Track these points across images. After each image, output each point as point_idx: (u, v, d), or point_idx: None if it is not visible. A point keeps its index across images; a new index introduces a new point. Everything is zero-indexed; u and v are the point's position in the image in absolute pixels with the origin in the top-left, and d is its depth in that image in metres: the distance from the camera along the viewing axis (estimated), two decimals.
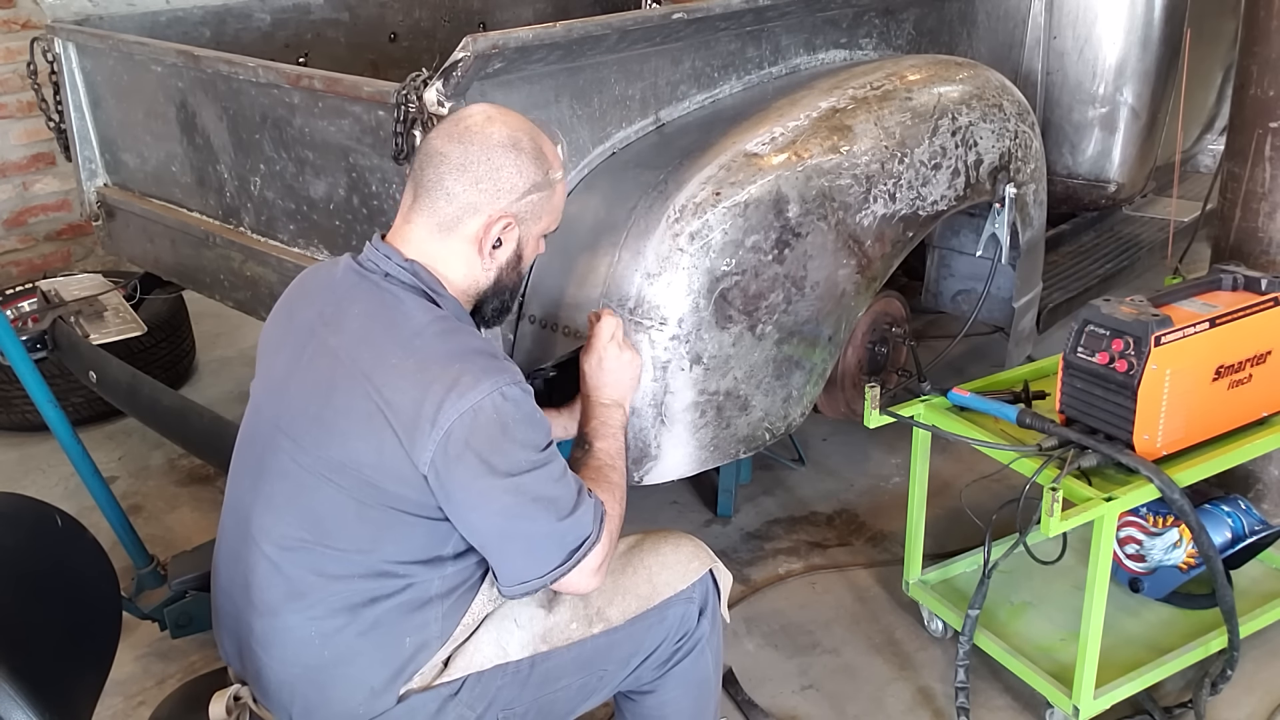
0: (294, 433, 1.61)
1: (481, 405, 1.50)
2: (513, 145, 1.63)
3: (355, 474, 1.55)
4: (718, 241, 2.08)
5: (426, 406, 1.49)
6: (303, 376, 1.62)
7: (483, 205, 1.62)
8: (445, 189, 1.61)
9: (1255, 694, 2.39)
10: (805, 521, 3.06)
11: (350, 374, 1.56)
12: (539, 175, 1.65)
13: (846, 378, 2.60)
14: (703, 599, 1.82)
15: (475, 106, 1.69)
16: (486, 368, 1.53)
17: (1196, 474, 2.15)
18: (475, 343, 1.59)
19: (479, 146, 1.61)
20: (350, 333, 1.60)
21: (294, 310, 1.73)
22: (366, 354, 1.56)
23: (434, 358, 1.54)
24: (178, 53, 2.56)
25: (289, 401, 1.63)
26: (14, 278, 4.41)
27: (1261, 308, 2.19)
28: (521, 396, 1.55)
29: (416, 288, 1.61)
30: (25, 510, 1.68)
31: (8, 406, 3.52)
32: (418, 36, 3.68)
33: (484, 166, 1.61)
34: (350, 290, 1.64)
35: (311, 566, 1.59)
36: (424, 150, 1.65)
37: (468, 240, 1.63)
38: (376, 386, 1.53)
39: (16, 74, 4.29)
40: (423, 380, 1.51)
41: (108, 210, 3.05)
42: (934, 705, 2.40)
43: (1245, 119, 2.65)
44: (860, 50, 2.68)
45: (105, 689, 2.46)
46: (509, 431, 1.52)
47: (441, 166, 1.61)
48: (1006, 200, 2.58)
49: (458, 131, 1.63)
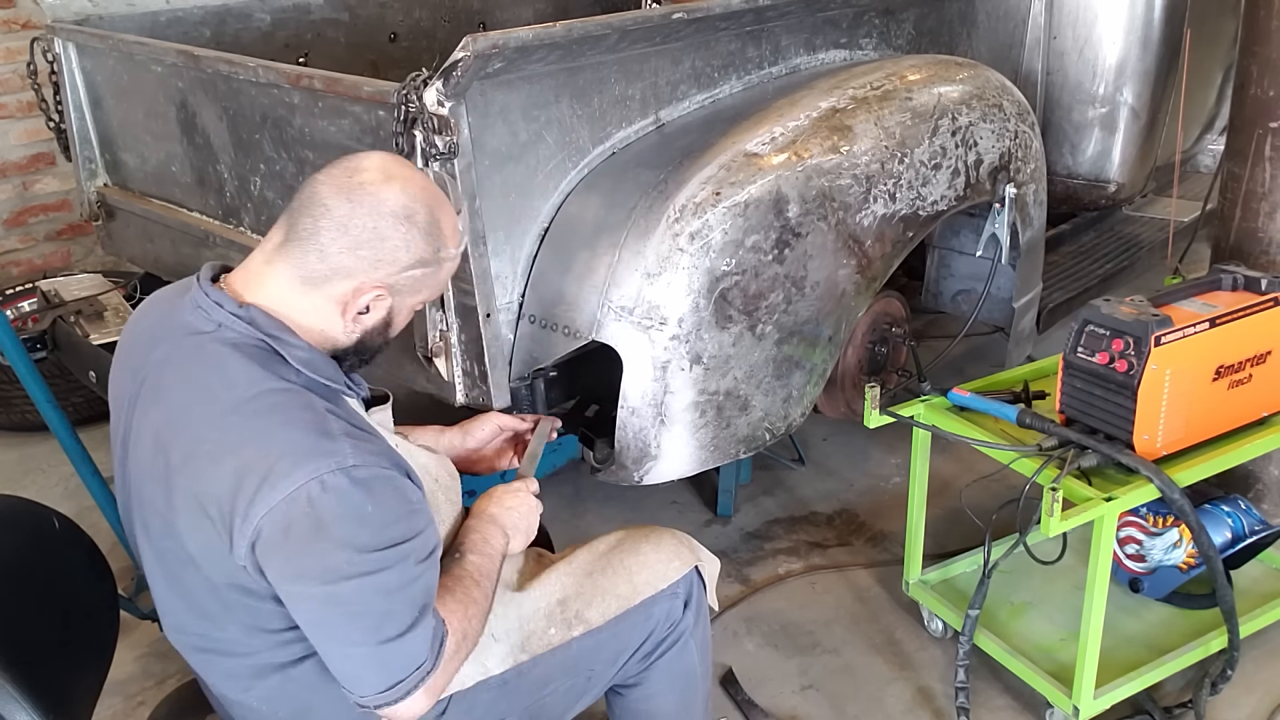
0: (143, 521, 1.50)
1: (295, 497, 1.32)
2: (406, 217, 1.45)
3: (196, 566, 1.44)
4: (718, 241, 2.08)
5: (240, 500, 1.33)
6: (135, 457, 1.49)
7: (357, 272, 1.45)
8: (319, 245, 1.43)
9: (1255, 694, 2.39)
10: (805, 521, 3.06)
11: (169, 462, 1.41)
12: (428, 252, 1.48)
13: (846, 378, 2.60)
14: (687, 592, 1.81)
15: (376, 158, 1.50)
16: (309, 451, 1.34)
17: (1196, 474, 2.15)
18: (303, 417, 1.39)
19: (367, 210, 1.44)
20: (167, 408, 1.44)
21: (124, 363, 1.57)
22: (184, 438, 1.40)
23: (251, 438, 1.36)
24: (178, 53, 2.56)
25: (132, 486, 1.51)
26: (14, 278, 4.40)
27: (1261, 308, 2.19)
28: (347, 486, 1.34)
29: (252, 342, 1.44)
30: (23, 513, 1.68)
31: (8, 406, 3.52)
32: (418, 36, 3.68)
33: (368, 233, 1.43)
34: (170, 349, 1.48)
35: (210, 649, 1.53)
36: (306, 193, 1.47)
37: (331, 300, 1.46)
38: (194, 476, 1.38)
39: (16, 74, 4.29)
40: (238, 467, 1.34)
41: (108, 210, 3.05)
42: (934, 705, 2.40)
43: (1245, 119, 2.65)
44: (860, 50, 2.68)
45: (105, 689, 2.46)
46: (325, 529, 1.33)
47: (321, 219, 1.44)
48: (1006, 200, 2.58)
49: (349, 185, 1.45)
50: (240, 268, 1.52)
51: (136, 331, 1.60)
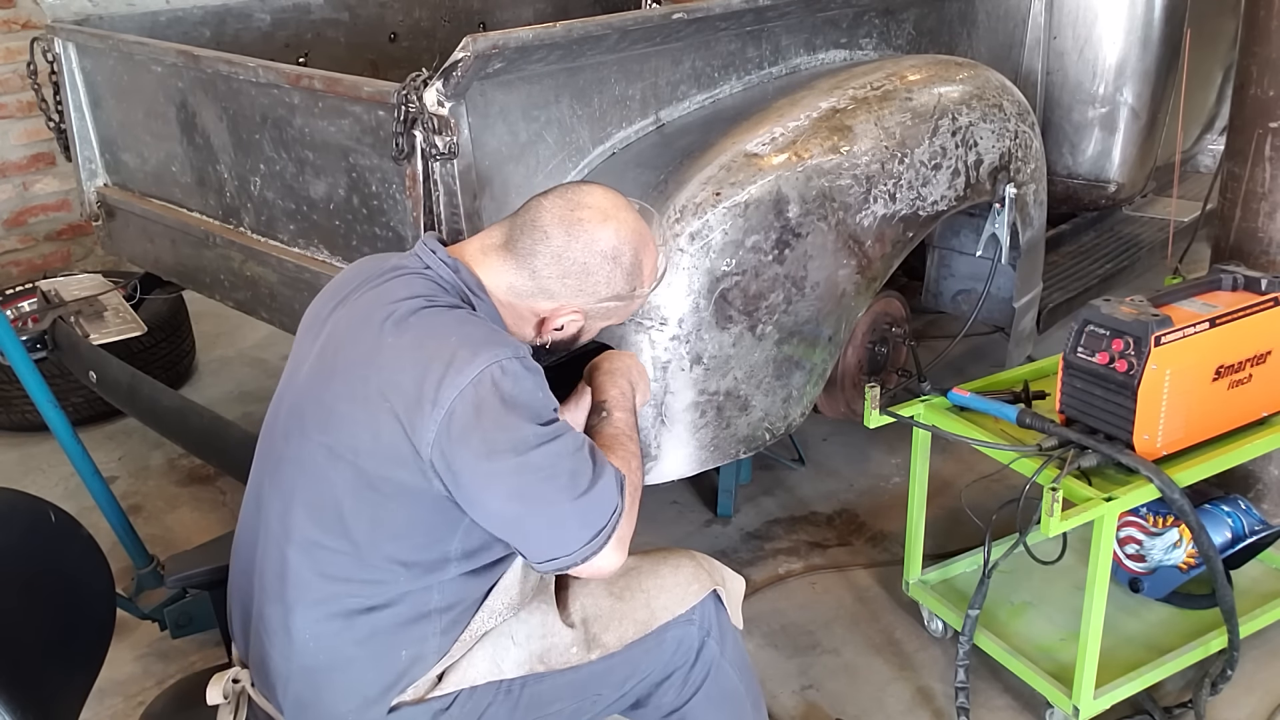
0: (301, 419, 1.58)
1: (481, 379, 1.45)
2: (614, 257, 1.62)
3: (352, 461, 1.51)
4: (718, 242, 2.08)
5: (427, 386, 1.45)
6: (313, 362, 1.61)
7: (560, 295, 1.62)
8: (533, 266, 1.61)
9: (1255, 694, 2.39)
10: (805, 521, 3.06)
11: (348, 355, 1.54)
12: (625, 289, 1.65)
13: (846, 378, 2.60)
14: (704, 620, 1.76)
15: (598, 194, 1.65)
16: (483, 341, 1.49)
17: (1196, 474, 2.15)
18: (471, 318, 1.56)
19: (582, 245, 1.60)
20: (353, 312, 1.58)
21: (327, 298, 1.71)
22: (365, 333, 1.54)
23: (430, 334, 1.50)
24: (178, 53, 2.56)
25: (301, 388, 1.61)
26: (14, 278, 4.41)
27: (1261, 308, 2.19)
28: (522, 371, 1.49)
29: (450, 284, 1.59)
30: (19, 505, 1.66)
31: (8, 406, 3.52)
32: (418, 36, 3.69)
33: (578, 266, 1.60)
34: (375, 278, 1.62)
35: (313, 564, 1.56)
36: (531, 213, 1.63)
37: (533, 312, 1.64)
38: (376, 367, 1.49)
39: (16, 74, 4.29)
40: (420, 358, 1.47)
41: (108, 210, 3.05)
42: (934, 705, 2.40)
43: (1245, 119, 2.65)
44: (860, 50, 2.68)
45: (106, 689, 2.47)
46: (511, 406, 1.46)
47: (540, 244, 1.60)
48: (1006, 200, 2.58)
49: (570, 219, 1.60)
50: (462, 244, 1.67)
51: (345, 274, 1.73)
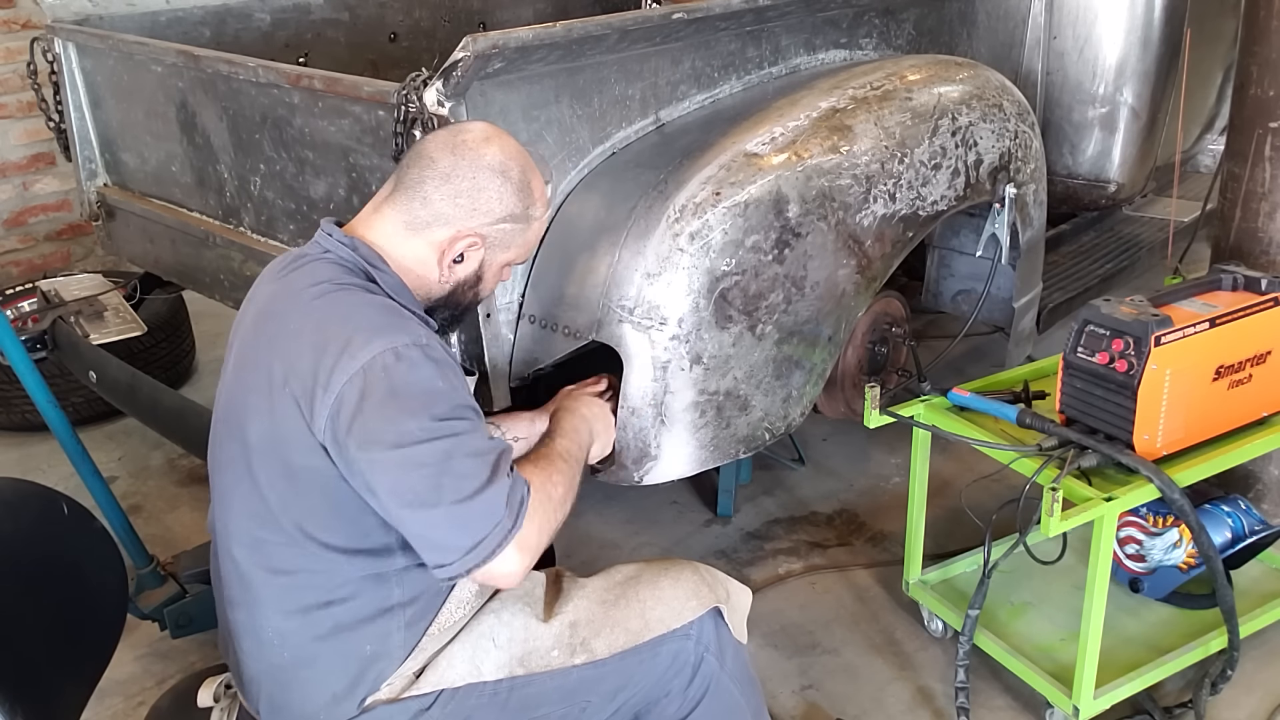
0: (225, 420, 1.60)
1: (371, 365, 1.43)
2: (501, 171, 1.63)
3: (269, 450, 1.51)
4: (718, 241, 2.08)
5: (321, 370, 1.45)
6: (231, 365, 1.63)
7: (455, 219, 1.62)
8: (424, 193, 1.61)
9: (1255, 694, 2.39)
10: (805, 521, 3.06)
11: (256, 347, 1.56)
12: (518, 207, 1.65)
13: (846, 378, 2.60)
14: (703, 636, 1.73)
15: (478, 124, 1.69)
16: (383, 326, 1.48)
17: (1196, 474, 2.15)
18: (378, 302, 1.54)
19: (468, 162, 1.61)
20: (259, 308, 1.61)
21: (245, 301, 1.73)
22: (269, 325, 1.56)
23: (329, 319, 1.50)
24: (178, 53, 2.56)
25: (222, 391, 1.64)
26: (14, 278, 4.41)
27: (1261, 308, 2.19)
28: (419, 359, 1.46)
29: (349, 264, 1.59)
30: (29, 496, 1.65)
31: (8, 406, 3.52)
32: (418, 36, 3.69)
33: (467, 183, 1.61)
34: (278, 271, 1.65)
35: (260, 560, 1.57)
36: (415, 150, 1.65)
37: (431, 246, 1.62)
38: (279, 355, 1.50)
39: (16, 74, 4.29)
40: (318, 342, 1.47)
41: (108, 210, 3.05)
42: (934, 705, 2.40)
43: (1245, 119, 2.65)
44: (860, 50, 2.68)
45: (106, 689, 2.47)
46: (397, 395, 1.43)
47: (426, 170, 1.61)
48: (1006, 200, 2.58)
49: (453, 142, 1.63)
50: (352, 220, 1.68)
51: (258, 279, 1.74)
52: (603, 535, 3.01)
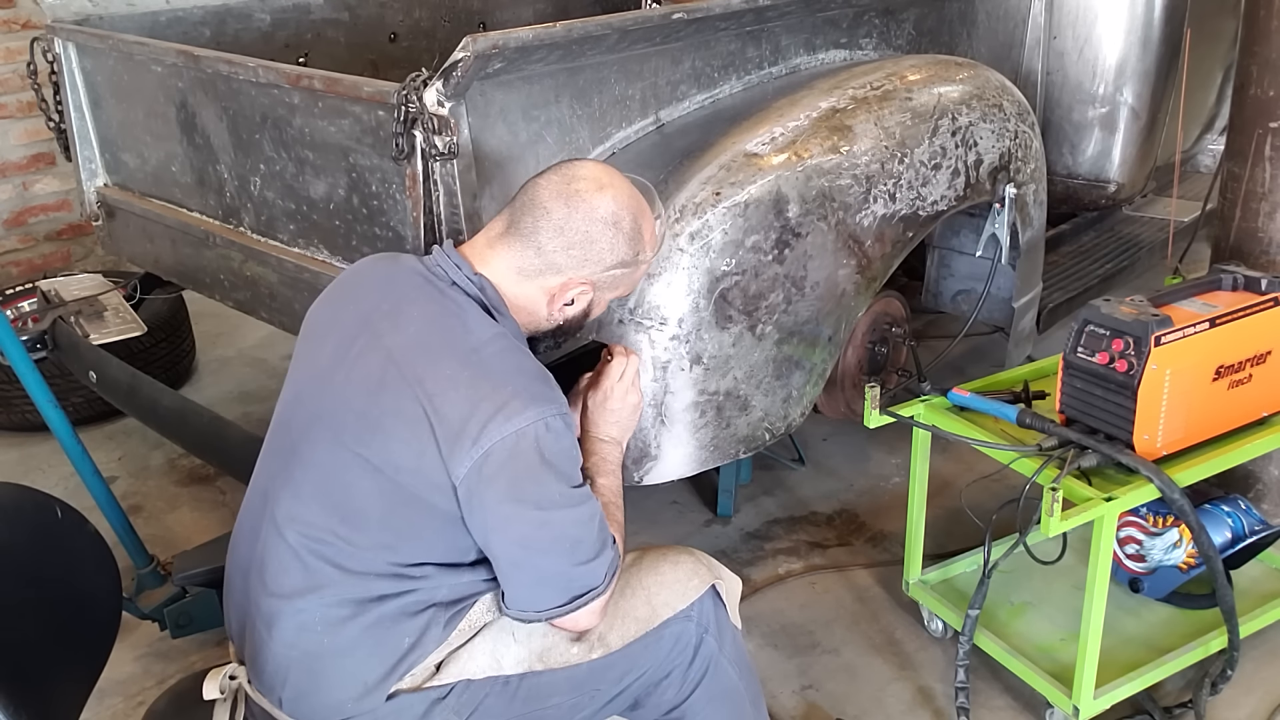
0: (335, 425, 1.61)
1: (525, 432, 1.51)
2: (614, 223, 1.66)
3: (391, 475, 1.56)
4: (718, 241, 2.08)
5: (472, 424, 1.50)
6: (350, 370, 1.62)
7: (567, 268, 1.66)
8: (537, 243, 1.65)
9: (1255, 694, 2.39)
10: (805, 521, 3.06)
11: (402, 376, 1.56)
12: (629, 254, 1.70)
13: (846, 378, 2.60)
14: (702, 617, 1.76)
15: (591, 167, 1.71)
16: (536, 395, 1.54)
17: (1196, 474, 2.15)
18: (530, 366, 1.60)
19: (582, 215, 1.65)
20: (408, 334, 1.61)
21: (346, 299, 1.74)
22: (422, 359, 1.57)
23: (488, 375, 1.55)
24: (178, 53, 2.56)
25: (333, 393, 1.63)
26: (14, 278, 4.41)
27: (1261, 308, 2.19)
28: (564, 430, 1.56)
29: (480, 300, 1.64)
30: (24, 501, 1.65)
31: (8, 406, 3.52)
32: (418, 36, 3.68)
33: (580, 235, 1.65)
34: (412, 291, 1.66)
35: (331, 559, 1.59)
36: (529, 194, 1.68)
37: (543, 291, 1.68)
38: (428, 393, 1.54)
39: (16, 74, 4.29)
40: (473, 396, 1.52)
41: (108, 210, 3.05)
42: (934, 705, 2.40)
43: (1245, 119, 2.65)
44: (860, 50, 2.68)
45: (106, 689, 2.47)
46: (546, 463, 1.53)
47: (541, 220, 1.65)
48: (1006, 200, 2.58)
49: (567, 191, 1.66)
50: (469, 243, 1.72)
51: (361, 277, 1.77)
52: None
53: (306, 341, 1.76)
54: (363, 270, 1.79)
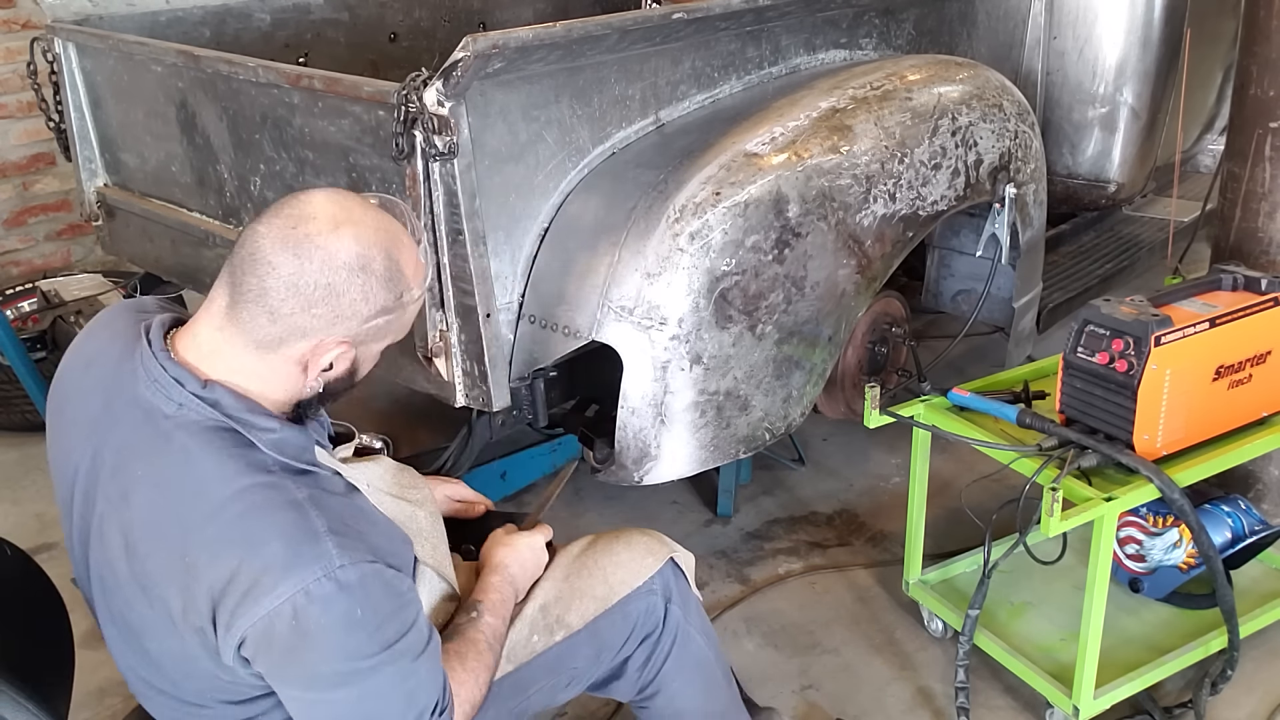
0: (107, 606, 1.45)
1: (280, 611, 1.26)
2: (361, 267, 1.35)
3: (173, 658, 1.40)
4: (718, 241, 2.08)
5: (222, 612, 1.28)
6: (99, 550, 1.42)
7: (314, 330, 1.35)
8: (269, 306, 1.33)
9: (1255, 694, 2.39)
10: (805, 521, 3.06)
11: (148, 570, 1.35)
12: (389, 299, 1.39)
13: (846, 378, 2.60)
14: (665, 589, 1.80)
15: (319, 201, 1.37)
16: (293, 561, 1.27)
17: (1196, 474, 2.15)
18: (285, 518, 1.30)
19: (318, 265, 1.33)
20: (138, 511, 1.36)
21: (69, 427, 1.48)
22: (160, 550, 1.33)
23: (232, 546, 1.29)
24: (178, 53, 2.56)
25: (94, 571, 1.45)
26: (14, 278, 4.40)
27: (1261, 308, 2.19)
28: (334, 593, 1.27)
29: (219, 426, 1.34)
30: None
31: (8, 406, 3.52)
32: (418, 36, 3.68)
33: (322, 290, 1.33)
34: (132, 432, 1.38)
35: (173, 696, 1.47)
36: (248, 249, 1.34)
37: (291, 361, 1.37)
38: (176, 587, 1.32)
39: (16, 74, 4.29)
40: (218, 578, 1.28)
41: (108, 210, 3.05)
42: (934, 705, 2.40)
43: (1245, 119, 2.65)
44: (860, 50, 2.67)
45: (106, 689, 2.47)
46: (311, 641, 1.28)
47: (268, 278, 1.32)
48: (1006, 200, 2.58)
49: (294, 238, 1.33)
50: (189, 335, 1.41)
51: (76, 390, 1.49)
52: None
53: (56, 477, 1.51)
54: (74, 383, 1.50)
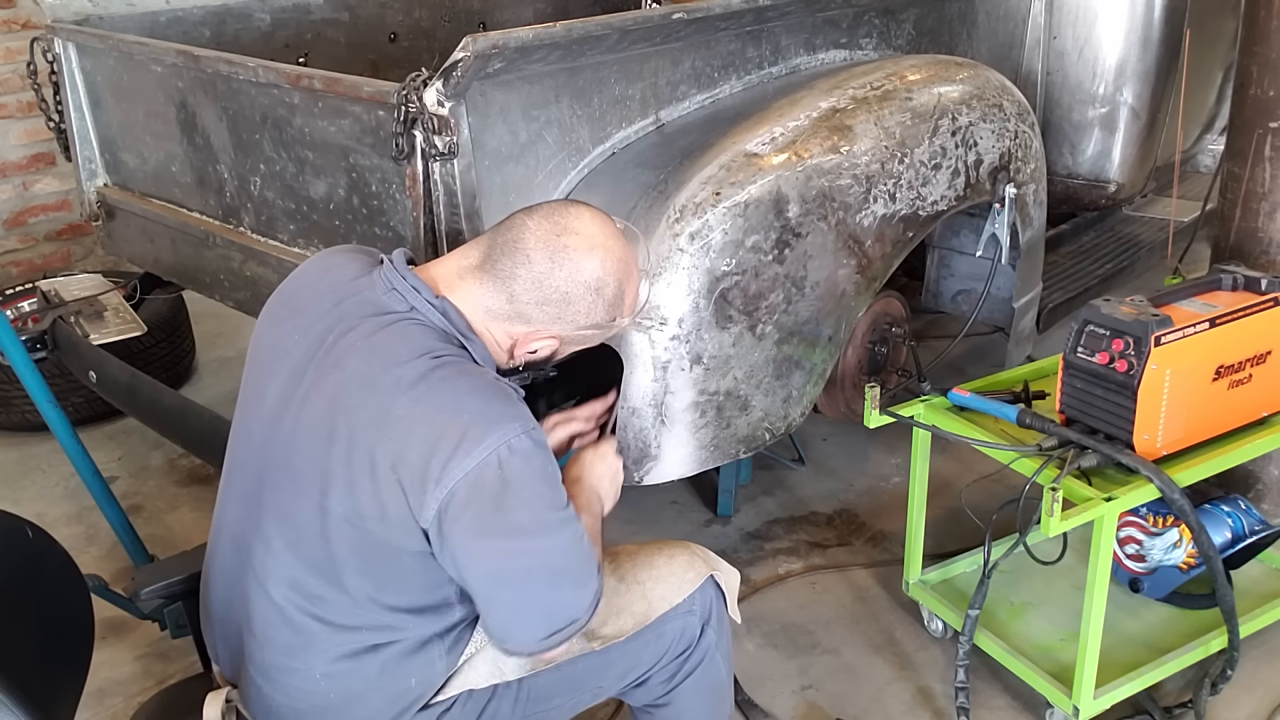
0: (293, 475, 1.51)
1: (487, 462, 1.40)
2: (597, 289, 1.55)
3: (359, 525, 1.47)
4: (718, 241, 2.08)
5: (433, 464, 1.40)
6: (299, 413, 1.51)
7: (538, 321, 1.56)
8: (511, 290, 1.53)
9: (1255, 694, 2.39)
10: (805, 521, 3.06)
11: (352, 422, 1.46)
12: (605, 319, 1.59)
13: (846, 378, 2.60)
14: (704, 610, 1.77)
15: (586, 220, 1.57)
16: (495, 418, 1.42)
17: (1196, 474, 2.15)
18: (484, 385, 1.47)
19: (566, 274, 1.53)
20: (351, 373, 1.48)
21: (291, 321, 1.60)
22: (370, 402, 1.45)
23: (441, 406, 1.43)
24: (178, 53, 2.56)
25: (286, 439, 1.52)
26: (14, 278, 4.40)
27: (1261, 308, 2.19)
28: (531, 449, 1.43)
29: (441, 328, 1.52)
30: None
31: (8, 406, 3.52)
32: (418, 36, 3.68)
33: (559, 294, 1.54)
34: (358, 318, 1.53)
35: (319, 616, 1.53)
36: (514, 233, 1.55)
37: (507, 335, 1.57)
38: (382, 439, 1.43)
39: (16, 74, 4.29)
40: (429, 434, 1.41)
41: (108, 210, 3.05)
42: (934, 705, 2.40)
43: (1245, 119, 2.65)
44: (860, 50, 2.68)
45: (106, 689, 2.47)
46: (513, 489, 1.41)
47: (520, 266, 1.53)
48: (1006, 200, 2.58)
49: (556, 245, 1.53)
50: (435, 263, 1.60)
51: (308, 289, 1.63)
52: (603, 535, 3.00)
53: (254, 368, 1.63)
54: (307, 283, 1.66)
